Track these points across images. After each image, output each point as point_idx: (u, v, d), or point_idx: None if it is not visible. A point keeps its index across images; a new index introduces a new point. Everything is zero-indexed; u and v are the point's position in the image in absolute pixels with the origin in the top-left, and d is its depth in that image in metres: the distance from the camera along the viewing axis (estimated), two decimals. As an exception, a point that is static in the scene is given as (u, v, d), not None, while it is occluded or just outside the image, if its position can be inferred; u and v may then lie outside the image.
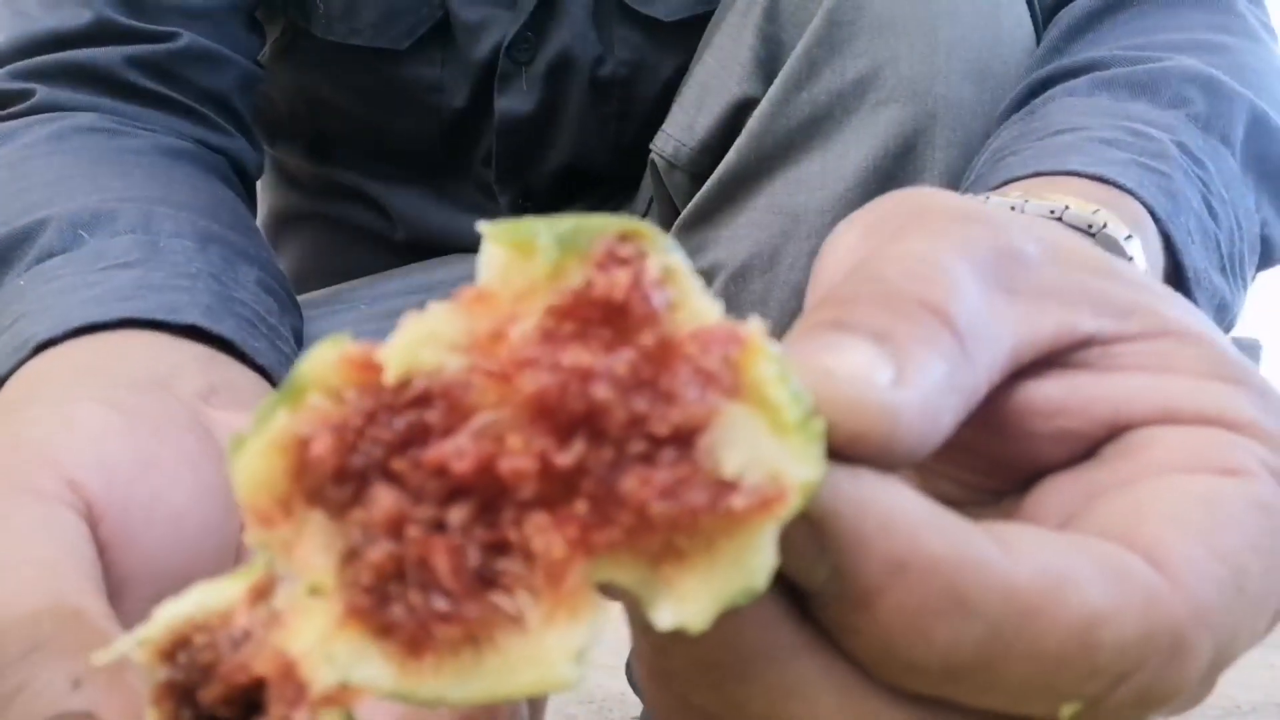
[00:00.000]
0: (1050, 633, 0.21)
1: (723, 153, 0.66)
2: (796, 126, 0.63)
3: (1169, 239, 0.48)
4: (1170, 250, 0.48)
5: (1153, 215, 0.47)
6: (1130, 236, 0.45)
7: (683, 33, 0.73)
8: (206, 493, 0.36)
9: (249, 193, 0.70)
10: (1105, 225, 0.44)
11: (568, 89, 0.76)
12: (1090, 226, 0.44)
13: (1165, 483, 0.24)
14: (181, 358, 0.43)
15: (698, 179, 0.68)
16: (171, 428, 0.37)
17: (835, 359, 0.23)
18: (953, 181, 0.60)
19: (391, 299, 0.75)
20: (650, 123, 0.72)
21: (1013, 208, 0.45)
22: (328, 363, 0.20)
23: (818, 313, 0.24)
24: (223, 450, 0.38)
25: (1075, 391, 0.26)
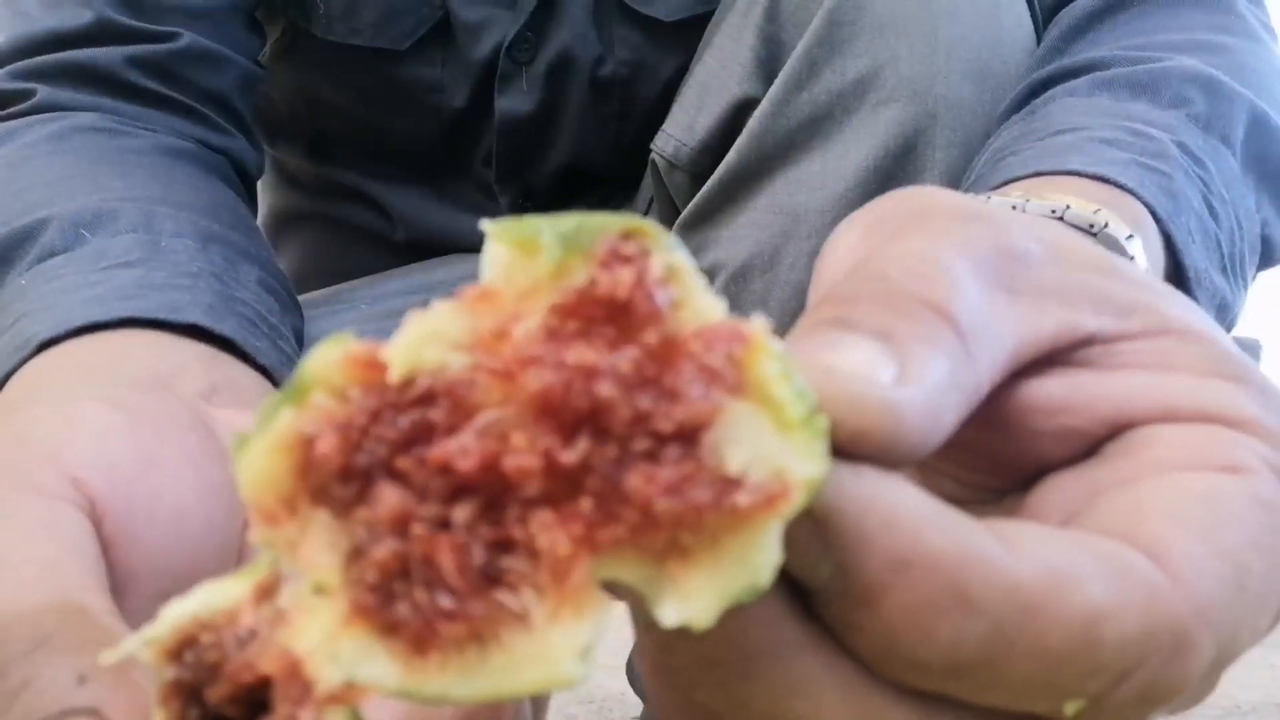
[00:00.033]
0: (1053, 630, 0.21)
1: (723, 153, 0.66)
2: (797, 126, 0.63)
3: (1170, 239, 0.48)
4: (1171, 250, 0.48)
5: (1153, 215, 0.47)
6: (1131, 236, 0.45)
7: (683, 33, 0.73)
8: (209, 491, 0.36)
9: (249, 193, 0.70)
10: (1106, 225, 0.44)
11: (568, 89, 0.76)
12: (1091, 226, 0.44)
13: (1167, 481, 0.24)
14: (183, 357, 0.43)
15: (698, 179, 0.68)
16: (174, 427, 0.37)
17: (838, 357, 0.23)
18: (953, 181, 0.60)
19: (391, 299, 0.75)
20: (650, 123, 0.72)
21: (1014, 207, 0.45)
22: (332, 361, 0.20)
23: (819, 311, 0.24)
24: (225, 449, 0.38)
25: (1077, 390, 0.26)
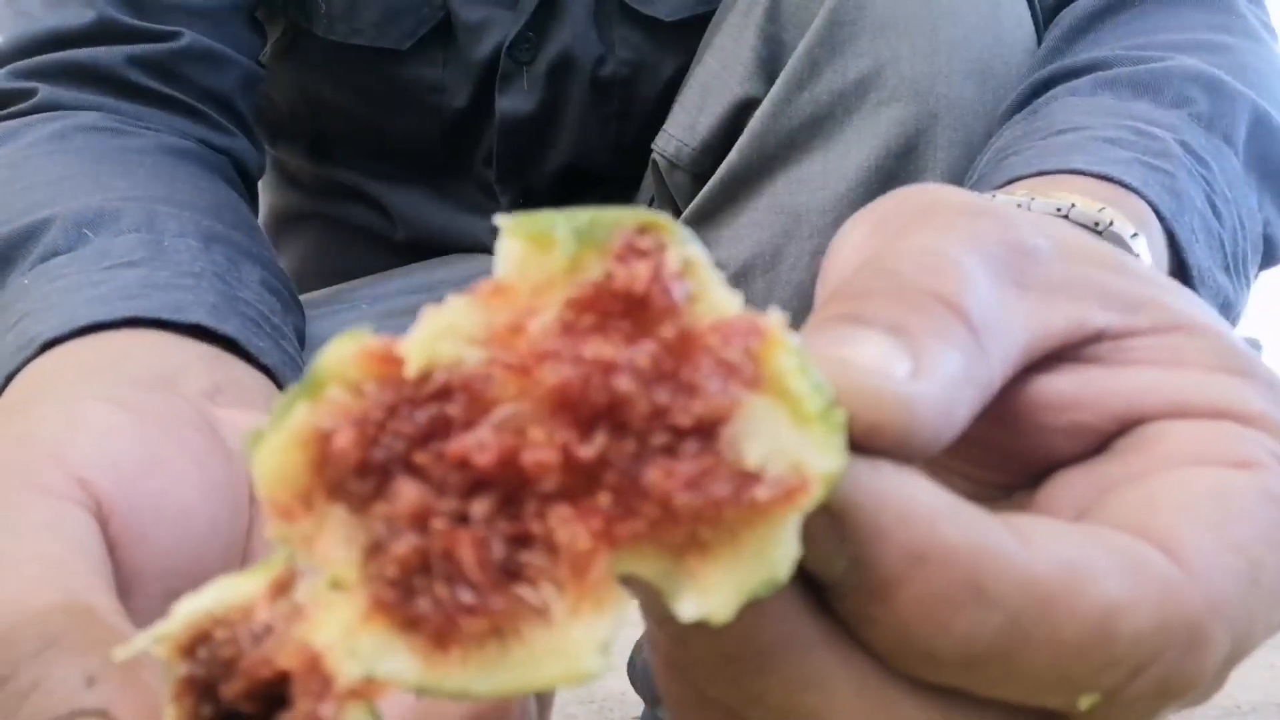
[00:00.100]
0: (1068, 623, 0.21)
1: (724, 153, 0.66)
2: (798, 126, 0.63)
3: (1173, 237, 0.48)
4: (1175, 249, 0.48)
5: (1157, 214, 0.48)
6: (1136, 235, 0.45)
7: (684, 33, 0.73)
8: (214, 491, 0.36)
9: (251, 192, 0.70)
10: (1112, 223, 0.44)
11: (569, 89, 0.76)
12: (1097, 224, 0.44)
13: (1177, 476, 0.24)
14: (187, 357, 0.43)
15: (699, 179, 0.68)
16: (178, 426, 0.37)
17: (851, 352, 0.23)
18: (955, 181, 0.60)
19: (392, 299, 0.75)
20: (651, 123, 0.72)
21: (1018, 206, 0.45)
22: (347, 356, 0.20)
23: (830, 307, 0.24)
24: (229, 449, 0.37)
25: (1087, 386, 0.26)
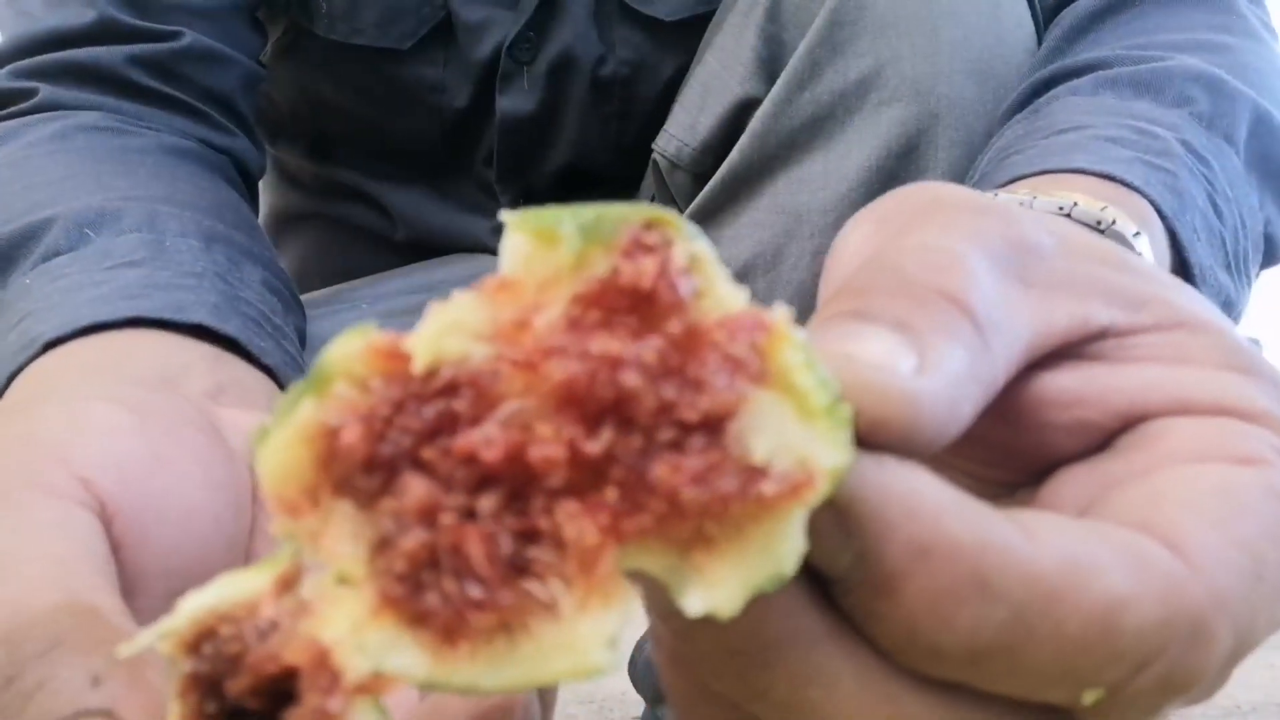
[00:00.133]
0: (1072, 617, 0.21)
1: (725, 153, 0.66)
2: (799, 126, 0.63)
3: (1175, 236, 0.48)
4: (1176, 247, 0.48)
5: (1159, 213, 0.48)
6: (1138, 233, 0.45)
7: (684, 32, 0.73)
8: (217, 490, 0.36)
9: (251, 192, 0.70)
10: (1114, 222, 0.44)
11: (569, 89, 0.76)
12: (1099, 223, 0.44)
13: (1181, 473, 0.24)
14: (189, 357, 0.43)
15: (700, 179, 0.68)
16: (181, 426, 0.37)
17: (857, 347, 0.23)
18: (956, 181, 0.60)
19: (392, 298, 0.75)
20: (651, 122, 0.72)
21: (1020, 204, 0.46)
22: (354, 352, 0.20)
23: (835, 303, 0.24)
24: (232, 449, 0.37)
25: (1090, 383, 0.26)
